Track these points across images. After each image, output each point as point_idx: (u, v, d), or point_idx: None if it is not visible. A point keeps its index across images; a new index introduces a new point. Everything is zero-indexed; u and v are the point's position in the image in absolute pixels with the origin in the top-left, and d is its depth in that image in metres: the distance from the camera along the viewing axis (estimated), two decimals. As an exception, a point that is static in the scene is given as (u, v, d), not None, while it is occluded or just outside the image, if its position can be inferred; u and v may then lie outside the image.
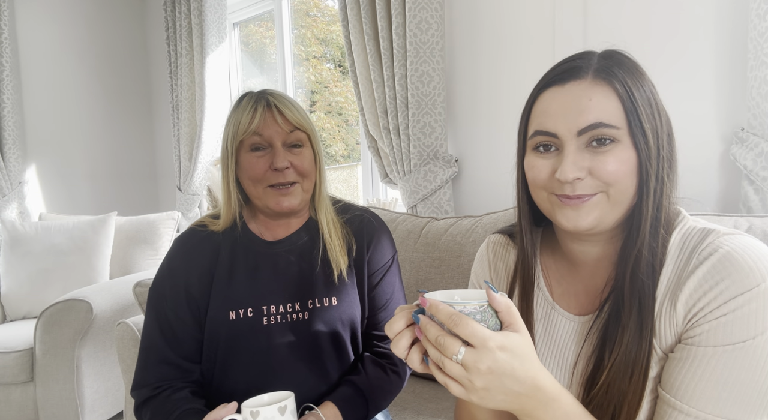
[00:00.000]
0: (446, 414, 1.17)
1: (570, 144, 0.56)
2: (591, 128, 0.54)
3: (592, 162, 0.55)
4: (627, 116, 0.54)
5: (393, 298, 0.99)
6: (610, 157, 0.54)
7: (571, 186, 0.56)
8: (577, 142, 0.56)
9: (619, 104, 0.55)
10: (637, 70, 0.57)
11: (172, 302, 0.91)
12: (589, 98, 0.55)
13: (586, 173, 0.55)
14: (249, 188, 0.91)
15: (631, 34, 1.39)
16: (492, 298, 0.47)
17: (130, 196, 3.11)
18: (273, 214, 0.93)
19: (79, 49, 2.85)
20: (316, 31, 2.89)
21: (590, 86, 0.56)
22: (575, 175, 0.55)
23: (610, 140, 0.55)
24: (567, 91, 0.57)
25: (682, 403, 0.51)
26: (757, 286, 0.48)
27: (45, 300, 1.99)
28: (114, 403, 1.83)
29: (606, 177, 0.55)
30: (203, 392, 0.93)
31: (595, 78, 0.56)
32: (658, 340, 0.55)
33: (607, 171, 0.54)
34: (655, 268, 0.56)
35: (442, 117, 1.73)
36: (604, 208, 0.56)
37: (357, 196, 2.73)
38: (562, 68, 0.59)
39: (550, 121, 0.57)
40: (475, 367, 0.45)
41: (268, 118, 0.88)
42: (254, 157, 0.88)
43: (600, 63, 0.57)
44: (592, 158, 0.55)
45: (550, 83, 0.59)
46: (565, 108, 0.56)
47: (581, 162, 0.55)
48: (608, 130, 0.54)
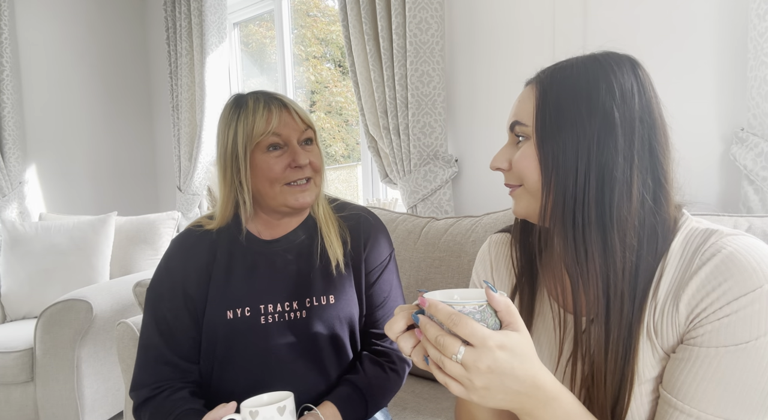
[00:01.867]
0: (446, 414, 1.17)
1: (509, 137, 0.64)
2: (514, 125, 0.62)
3: (512, 156, 0.62)
4: (536, 115, 0.59)
5: (390, 296, 0.99)
6: (519, 152, 0.61)
7: (504, 175, 0.65)
8: (511, 136, 0.63)
9: (532, 104, 0.59)
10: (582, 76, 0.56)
11: (170, 302, 0.91)
12: (521, 99, 0.62)
13: (508, 166, 0.63)
14: (264, 189, 0.89)
15: (631, 34, 1.39)
16: (491, 297, 0.47)
17: (130, 196, 3.11)
18: (284, 212, 0.93)
19: (79, 49, 2.85)
20: (316, 31, 2.89)
21: (527, 90, 0.62)
22: (495, 164, 0.64)
23: (524, 137, 0.61)
24: (520, 93, 0.64)
25: (683, 404, 0.51)
26: (760, 288, 0.48)
27: (45, 300, 1.99)
28: (114, 403, 1.83)
29: (515, 170, 0.61)
30: (202, 392, 0.93)
31: (532, 85, 0.61)
32: (660, 340, 0.55)
33: (515, 164, 0.61)
34: (637, 268, 0.55)
35: (442, 117, 1.73)
36: (527, 199, 0.62)
37: (357, 196, 2.73)
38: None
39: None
40: (475, 367, 0.45)
41: (286, 117, 0.89)
42: (272, 157, 0.88)
43: (547, 72, 0.61)
44: (513, 153, 0.62)
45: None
46: (513, 106, 0.64)
47: (506, 154, 0.63)
48: (520, 127, 0.61)
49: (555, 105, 0.57)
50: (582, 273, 0.56)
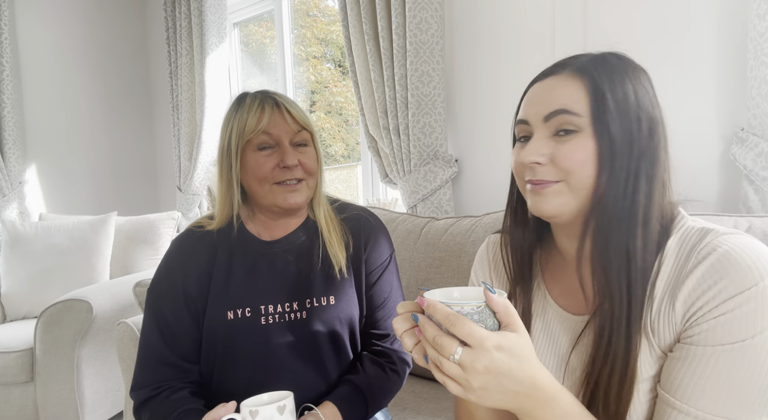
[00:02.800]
0: (446, 414, 1.17)
1: (538, 130, 0.59)
2: (554, 114, 0.57)
3: (554, 149, 0.57)
4: (591, 106, 0.56)
5: (391, 296, 0.99)
6: (570, 145, 0.57)
7: (532, 170, 0.59)
8: (544, 129, 0.59)
9: (585, 95, 0.57)
10: (624, 71, 0.58)
11: (171, 303, 0.91)
12: (558, 88, 0.58)
13: (548, 160, 0.58)
14: (254, 187, 0.90)
15: (631, 34, 1.39)
16: (489, 298, 0.48)
17: (130, 196, 3.11)
18: (277, 212, 0.93)
19: (79, 49, 2.85)
20: (316, 31, 2.89)
21: (563, 79, 0.59)
22: (531, 158, 0.58)
23: (573, 130, 0.57)
24: (544, 84, 0.60)
25: (681, 403, 0.51)
26: (756, 286, 0.48)
27: (45, 300, 1.99)
28: (114, 403, 1.83)
29: (563, 164, 0.56)
30: (202, 392, 0.93)
31: (571, 73, 0.58)
32: (657, 339, 0.55)
33: (564, 158, 0.56)
34: (647, 269, 0.55)
35: (442, 117, 1.73)
36: (565, 197, 0.58)
37: (357, 196, 2.73)
38: (549, 67, 0.62)
39: (524, 110, 0.61)
40: (472, 367, 0.45)
41: (277, 117, 0.89)
42: (262, 155, 0.88)
43: (584, 61, 0.59)
44: (555, 146, 0.58)
45: (536, 80, 0.62)
46: (537, 97, 0.60)
47: (543, 148, 0.58)
48: (570, 117, 0.56)
49: (612, 96, 0.56)
50: (611, 270, 0.56)
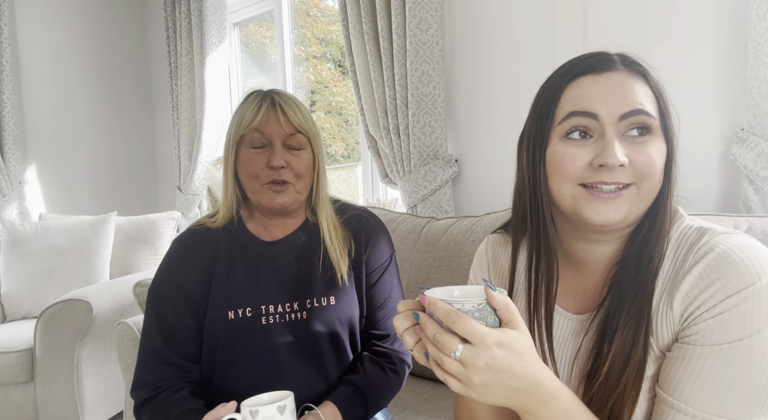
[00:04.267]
0: (446, 414, 1.17)
1: (611, 129, 0.54)
2: (634, 114, 0.54)
3: (630, 151, 0.54)
4: (660, 109, 0.56)
5: (391, 297, 0.99)
6: (650, 147, 0.54)
7: (611, 173, 0.53)
8: (617, 128, 0.54)
9: (653, 97, 0.56)
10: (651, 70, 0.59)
11: (172, 302, 0.91)
12: (631, 86, 0.55)
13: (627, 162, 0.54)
14: (246, 184, 0.92)
15: (631, 34, 1.39)
16: (490, 296, 0.47)
17: (130, 196, 3.11)
18: (267, 211, 0.94)
19: (79, 49, 2.85)
20: (316, 31, 2.89)
21: (628, 76, 0.56)
22: (623, 159, 0.52)
23: (648, 131, 0.54)
24: (606, 78, 0.55)
25: (680, 403, 0.51)
26: (753, 285, 0.48)
27: (45, 300, 1.99)
28: (114, 403, 1.83)
29: (643, 167, 0.53)
30: (203, 392, 0.93)
31: (629, 71, 0.56)
32: (655, 338, 0.55)
33: (645, 161, 0.53)
34: (656, 265, 0.56)
35: (442, 117, 1.73)
36: (633, 202, 0.55)
37: (357, 196, 2.73)
38: (594, 60, 0.57)
39: (590, 103, 0.55)
40: (473, 364, 0.45)
41: (271, 116, 0.89)
42: (253, 153, 0.89)
43: (630, 59, 0.58)
44: (630, 147, 0.54)
45: (583, 72, 0.57)
46: (606, 92, 0.55)
47: (624, 149, 0.54)
48: (648, 118, 0.54)
49: (666, 99, 0.56)
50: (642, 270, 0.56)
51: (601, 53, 0.58)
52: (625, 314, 0.55)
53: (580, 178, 0.55)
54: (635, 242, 0.58)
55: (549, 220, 0.60)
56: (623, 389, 0.55)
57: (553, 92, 0.58)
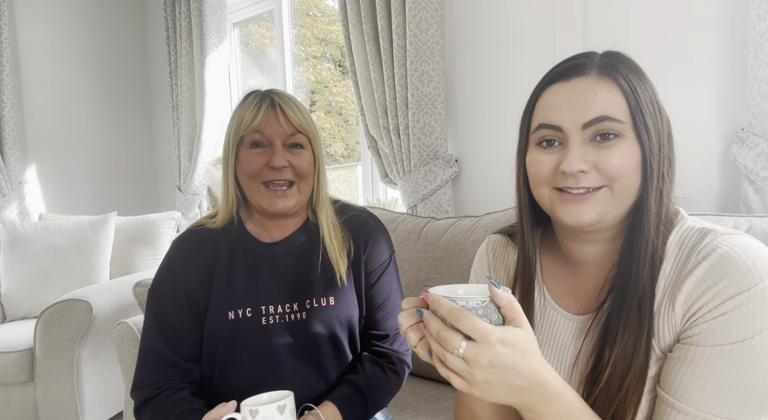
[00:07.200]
0: (446, 414, 1.17)
1: (575, 137, 0.56)
2: (596, 122, 0.55)
3: (596, 156, 0.55)
4: (631, 111, 0.55)
5: (390, 297, 0.99)
6: (615, 152, 0.55)
7: (575, 178, 0.56)
8: (581, 135, 0.56)
9: (623, 100, 0.55)
10: (638, 70, 0.58)
11: (172, 303, 0.91)
12: (595, 93, 0.56)
13: (591, 167, 0.56)
14: (245, 184, 0.91)
15: (631, 34, 1.39)
16: (494, 293, 0.47)
17: (130, 196, 3.11)
18: (267, 214, 0.94)
19: (79, 49, 2.85)
20: (316, 31, 2.89)
21: (595, 82, 0.56)
22: (580, 167, 0.55)
23: (614, 135, 0.55)
24: (572, 86, 0.57)
25: (681, 403, 0.51)
26: (755, 286, 0.48)
27: (45, 300, 1.99)
28: (114, 403, 1.83)
29: (611, 171, 0.55)
30: (203, 392, 0.93)
31: (599, 74, 0.57)
32: (657, 339, 0.55)
33: (612, 165, 0.55)
34: (656, 266, 0.56)
35: (442, 117, 1.73)
36: (607, 204, 0.56)
37: (357, 196, 2.73)
38: (566, 66, 0.59)
39: (555, 115, 0.57)
40: (476, 361, 0.45)
41: (271, 116, 0.89)
42: (253, 153, 0.89)
43: (603, 61, 0.58)
44: (596, 152, 0.56)
45: (553, 80, 0.59)
46: (570, 102, 0.56)
47: (586, 155, 0.56)
48: (613, 123, 0.55)
49: (644, 99, 0.56)
50: (639, 270, 0.56)
51: (578, 57, 0.60)
52: (625, 319, 0.55)
53: (551, 182, 0.59)
54: (630, 242, 0.58)
55: (529, 221, 0.65)
56: (625, 394, 0.55)
57: (531, 102, 0.62)
